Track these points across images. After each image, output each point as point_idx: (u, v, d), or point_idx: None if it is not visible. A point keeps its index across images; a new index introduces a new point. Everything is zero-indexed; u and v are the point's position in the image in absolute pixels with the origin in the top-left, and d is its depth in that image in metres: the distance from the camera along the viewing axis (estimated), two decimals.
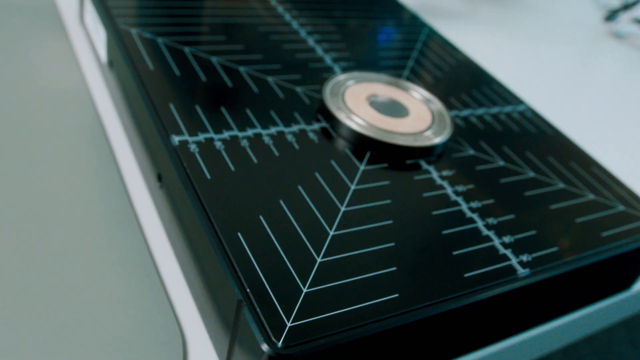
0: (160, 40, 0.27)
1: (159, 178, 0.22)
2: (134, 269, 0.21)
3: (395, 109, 0.25)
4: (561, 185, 0.25)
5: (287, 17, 0.33)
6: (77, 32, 0.34)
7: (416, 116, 0.25)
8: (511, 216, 0.22)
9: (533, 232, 0.22)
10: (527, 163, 0.26)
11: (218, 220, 0.18)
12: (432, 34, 0.36)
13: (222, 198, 0.19)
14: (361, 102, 0.25)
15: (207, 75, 0.26)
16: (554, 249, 0.21)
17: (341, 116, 0.24)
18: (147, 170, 0.24)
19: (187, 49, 0.27)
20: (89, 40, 0.32)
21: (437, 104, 0.27)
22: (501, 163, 0.25)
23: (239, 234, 0.18)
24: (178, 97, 0.24)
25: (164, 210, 0.22)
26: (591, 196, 0.25)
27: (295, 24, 0.32)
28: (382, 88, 0.27)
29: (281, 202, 0.20)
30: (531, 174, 0.25)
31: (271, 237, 0.18)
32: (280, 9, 0.33)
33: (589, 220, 0.23)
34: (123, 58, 0.25)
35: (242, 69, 0.27)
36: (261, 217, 0.19)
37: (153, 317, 0.20)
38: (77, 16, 0.35)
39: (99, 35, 0.29)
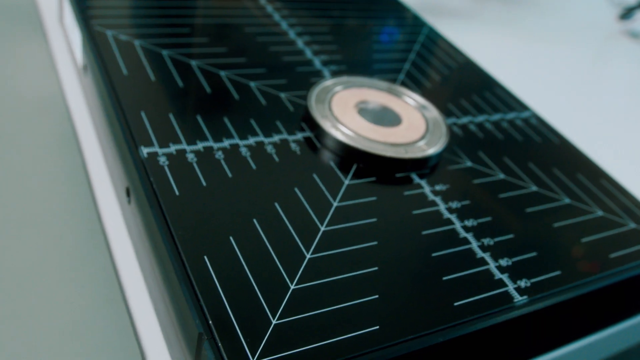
0: (137, 42, 0.26)
1: (127, 193, 0.21)
2: (97, 290, 0.20)
3: (386, 117, 0.24)
4: (567, 200, 0.23)
5: (277, 17, 0.31)
6: (57, 33, 0.32)
7: (409, 125, 0.24)
8: (509, 236, 0.21)
9: (533, 254, 0.20)
10: (530, 176, 0.24)
11: (183, 241, 0.17)
12: (432, 35, 0.34)
13: (190, 217, 0.18)
14: (349, 110, 0.24)
15: (185, 80, 0.24)
16: (557, 273, 0.20)
17: (326, 125, 0.22)
18: (118, 184, 0.23)
19: (165, 52, 0.26)
20: (67, 42, 0.31)
21: (433, 111, 0.25)
22: (501, 176, 0.24)
23: (205, 257, 0.17)
24: (151, 104, 0.22)
25: (133, 228, 0.21)
26: (599, 212, 0.23)
27: (284, 25, 0.31)
28: (373, 94, 0.25)
29: (255, 221, 0.18)
30: (534, 188, 0.24)
31: (241, 260, 0.17)
32: (269, 8, 0.32)
33: (596, 240, 0.22)
34: (95, 61, 0.24)
35: (223, 73, 0.25)
36: (231, 238, 0.18)
37: (114, 343, 0.18)
38: (57, 16, 0.34)
39: (76, 37, 0.28)
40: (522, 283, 0.19)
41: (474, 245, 0.20)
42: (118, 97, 0.22)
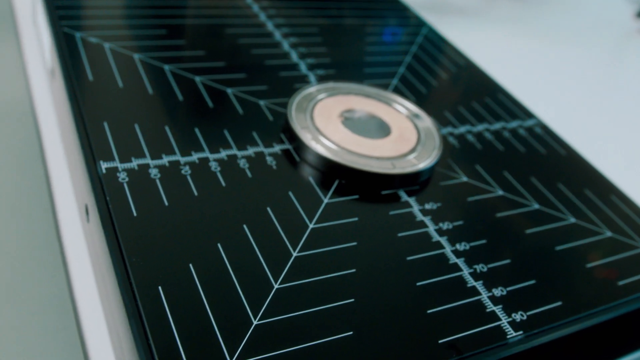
0: (107, 45, 0.25)
1: (87, 210, 0.20)
2: (51, 316, 0.18)
3: (373, 128, 0.23)
4: (572, 219, 0.22)
5: (263, 16, 0.30)
6: (30, 34, 0.31)
7: (398, 136, 0.22)
8: (506, 261, 0.19)
9: (532, 282, 0.19)
10: (532, 192, 0.23)
11: (135, 269, 0.16)
12: (432, 35, 0.33)
13: (146, 241, 0.17)
14: (333, 120, 0.22)
15: (156, 86, 0.23)
16: (557, 304, 0.18)
17: (306, 137, 0.21)
18: (79, 200, 0.21)
19: (137, 56, 0.24)
20: (40, 44, 0.30)
21: (426, 121, 0.24)
22: (500, 192, 0.22)
23: (160, 288, 0.16)
24: (116, 113, 0.21)
25: (92, 249, 0.20)
26: (608, 233, 0.22)
27: (270, 25, 0.29)
28: (360, 102, 0.24)
29: (219, 245, 0.17)
30: (536, 206, 0.22)
31: (200, 292, 0.16)
32: (255, 7, 0.31)
33: (604, 265, 0.20)
34: (61, 65, 0.23)
35: (198, 78, 0.24)
36: (191, 266, 0.16)
37: None
38: (31, 17, 0.33)
39: (46, 38, 0.27)
40: (518, 316, 0.17)
41: (465, 272, 0.18)
42: (79, 105, 0.21)
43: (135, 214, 0.17)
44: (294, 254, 0.17)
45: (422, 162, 0.21)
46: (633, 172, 0.31)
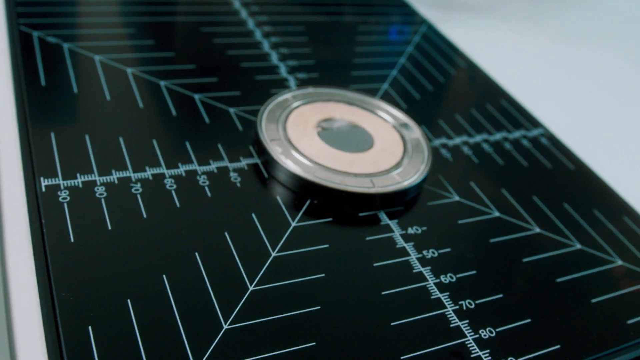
0: (67, 46, 0.23)
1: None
2: None
3: (353, 140, 0.21)
4: (577, 245, 0.20)
5: (244, 14, 0.28)
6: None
7: (382, 149, 0.21)
8: (497, 296, 0.17)
9: (527, 321, 0.17)
10: (533, 213, 0.21)
11: (64, 305, 0.14)
12: (431, 33, 0.31)
13: (81, 272, 0.15)
14: (308, 130, 0.20)
15: (115, 93, 0.21)
16: (555, 347, 0.16)
17: (275, 151, 0.19)
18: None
19: (97, 57, 0.23)
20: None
21: (415, 131, 0.22)
22: (496, 214, 0.20)
23: (90, 329, 0.14)
24: (66, 123, 0.20)
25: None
26: (619, 261, 0.20)
27: (251, 23, 0.28)
28: (341, 110, 0.22)
29: (164, 277, 0.15)
30: (537, 230, 0.20)
31: (136, 334, 0.14)
32: (237, 4, 0.29)
33: (611, 299, 0.18)
34: (12, 66, 0.22)
35: (162, 83, 0.22)
36: (129, 302, 0.15)
37: None
38: None
39: (2, 37, 0.26)
40: None
41: (449, 309, 0.17)
42: (25, 114, 0.20)
43: (72, 239, 0.16)
44: (251, 288, 0.16)
45: (406, 179, 0.20)
46: None
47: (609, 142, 0.29)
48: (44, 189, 0.17)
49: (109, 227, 0.16)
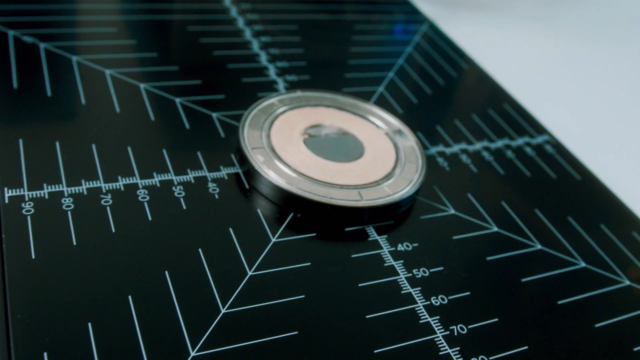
0: (43, 45, 0.22)
1: None
2: None
3: (342, 148, 0.20)
4: (582, 263, 0.19)
5: (234, 12, 0.27)
6: None
7: (373, 158, 0.20)
8: (492, 320, 0.16)
9: (525, 348, 0.16)
10: (536, 228, 0.20)
11: (18, 327, 0.13)
12: (432, 33, 0.30)
13: (39, 292, 0.14)
14: (294, 138, 0.20)
15: (92, 96, 0.21)
16: None
17: (256, 160, 0.18)
18: None
19: (75, 59, 0.22)
20: None
21: (409, 138, 0.21)
22: (495, 229, 0.19)
23: (45, 355, 0.13)
24: (36, 129, 0.19)
25: None
26: (626, 282, 0.19)
27: (241, 22, 0.27)
28: (331, 115, 0.21)
29: (130, 300, 0.15)
30: (538, 246, 0.19)
31: None
32: (227, 1, 0.28)
33: (615, 324, 0.17)
34: None
35: (142, 86, 0.22)
36: (90, 326, 0.14)
37: None
38: None
39: None
40: None
41: (439, 335, 0.16)
42: None
43: (33, 256, 0.15)
44: (223, 310, 0.15)
45: (397, 192, 0.19)
46: None
47: (619, 150, 0.28)
48: (7, 200, 0.16)
49: (74, 242, 0.16)
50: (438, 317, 0.16)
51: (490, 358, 0.15)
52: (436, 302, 0.16)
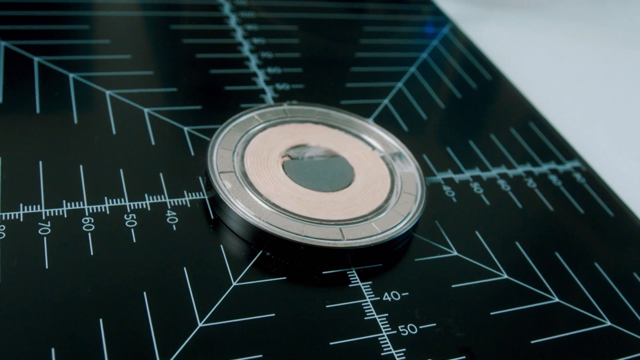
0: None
1: None
2: None
3: (328, 175, 0.18)
4: (607, 322, 0.17)
5: (227, 9, 0.26)
6: None
7: (362, 187, 0.18)
8: None
9: None
10: (553, 277, 0.17)
11: None
12: (454, 36, 0.28)
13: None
14: (272, 161, 0.18)
15: (48, 105, 0.19)
16: None
17: (223, 187, 0.17)
18: None
19: (37, 59, 0.21)
20: None
21: (409, 163, 0.19)
22: (504, 276, 0.17)
23: None
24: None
25: None
26: None
27: (233, 21, 0.25)
28: (319, 133, 0.19)
29: (52, 352, 0.13)
30: (555, 299, 0.17)
31: None
32: None
33: None
34: None
35: (108, 93, 0.20)
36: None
37: None
38: None
39: None
40: None
41: None
42: None
43: None
44: None
45: (388, 230, 0.16)
46: None
47: None
48: None
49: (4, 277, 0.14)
50: None
51: None
52: None
